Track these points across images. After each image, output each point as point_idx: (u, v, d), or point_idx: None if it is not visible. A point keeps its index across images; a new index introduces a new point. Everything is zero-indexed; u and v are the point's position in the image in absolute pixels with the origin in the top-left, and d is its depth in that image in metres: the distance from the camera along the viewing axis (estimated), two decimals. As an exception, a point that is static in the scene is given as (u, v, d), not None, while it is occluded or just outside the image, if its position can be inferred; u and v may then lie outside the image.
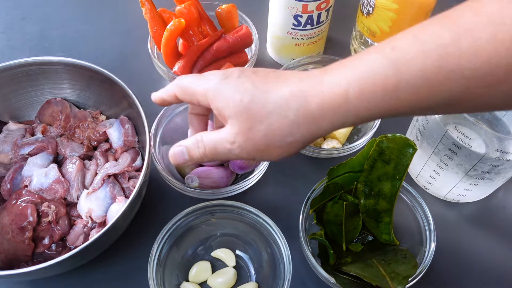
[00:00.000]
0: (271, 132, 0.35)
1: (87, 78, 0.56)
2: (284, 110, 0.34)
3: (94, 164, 0.54)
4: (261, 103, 0.35)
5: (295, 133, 0.35)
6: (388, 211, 0.50)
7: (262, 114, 0.35)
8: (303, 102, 0.34)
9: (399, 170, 0.47)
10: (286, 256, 0.49)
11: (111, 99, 0.57)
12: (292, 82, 0.35)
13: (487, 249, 0.57)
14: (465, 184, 0.55)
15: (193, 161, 0.40)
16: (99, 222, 0.51)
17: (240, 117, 0.36)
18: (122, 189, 0.53)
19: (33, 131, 0.57)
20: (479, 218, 0.59)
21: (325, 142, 0.62)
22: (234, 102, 0.36)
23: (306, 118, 0.34)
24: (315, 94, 0.34)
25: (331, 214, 0.51)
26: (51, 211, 0.50)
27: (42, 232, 0.50)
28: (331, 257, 0.49)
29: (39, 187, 0.51)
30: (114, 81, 0.53)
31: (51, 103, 0.58)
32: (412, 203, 0.54)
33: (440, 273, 0.55)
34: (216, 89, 0.37)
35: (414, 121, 0.59)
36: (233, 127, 0.36)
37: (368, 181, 0.49)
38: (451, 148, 0.51)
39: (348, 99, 0.32)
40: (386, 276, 0.46)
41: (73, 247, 0.49)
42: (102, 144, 0.58)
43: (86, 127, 0.57)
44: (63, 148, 0.56)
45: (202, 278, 0.52)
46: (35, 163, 0.53)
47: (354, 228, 0.52)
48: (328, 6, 0.64)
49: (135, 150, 0.56)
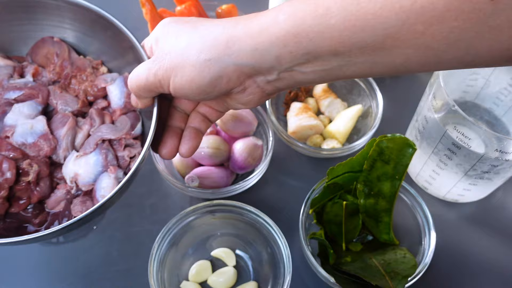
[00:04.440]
0: (191, 45, 0.35)
1: (91, 21, 0.48)
2: (213, 27, 0.35)
3: (88, 124, 0.47)
4: (194, 23, 0.36)
5: (213, 50, 0.34)
6: (387, 211, 0.50)
7: (190, 29, 0.36)
8: (231, 24, 0.34)
9: (398, 170, 0.48)
10: (286, 255, 0.49)
11: (115, 49, 0.49)
12: None
13: (486, 248, 0.57)
14: (464, 184, 0.55)
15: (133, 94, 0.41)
16: (85, 190, 0.45)
17: (169, 34, 0.37)
18: (115, 157, 0.46)
19: (22, 71, 0.49)
20: (478, 218, 0.59)
21: (325, 142, 0.62)
22: (170, 25, 0.37)
23: (229, 37, 0.33)
24: (247, 18, 0.34)
25: (331, 214, 0.52)
26: (32, 170, 0.44)
27: (19, 192, 0.44)
28: (331, 257, 0.49)
29: (22, 141, 0.44)
30: (120, 30, 0.46)
31: (47, 42, 0.49)
32: (411, 203, 0.54)
33: (440, 272, 0.55)
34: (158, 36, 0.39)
35: (414, 121, 0.59)
36: (159, 47, 0.38)
37: (368, 181, 0.49)
38: (450, 148, 0.51)
39: (277, 20, 0.32)
40: (386, 276, 0.46)
41: (51, 212, 0.45)
42: (99, 101, 0.49)
43: (84, 78, 0.49)
44: (55, 99, 0.48)
45: (202, 277, 0.52)
46: (21, 112, 0.46)
47: (354, 228, 0.52)
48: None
49: (135, 114, 0.49)
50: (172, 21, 0.38)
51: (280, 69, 0.34)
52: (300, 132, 0.61)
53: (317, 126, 0.61)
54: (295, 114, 0.62)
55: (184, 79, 0.35)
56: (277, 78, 0.35)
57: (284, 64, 0.33)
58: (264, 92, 0.37)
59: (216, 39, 0.34)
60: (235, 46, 0.33)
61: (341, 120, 0.63)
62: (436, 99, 0.52)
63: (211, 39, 0.34)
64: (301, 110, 0.62)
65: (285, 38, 0.32)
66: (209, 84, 0.35)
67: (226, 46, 0.34)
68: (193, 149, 0.42)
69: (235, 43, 0.33)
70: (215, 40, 0.34)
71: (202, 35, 0.35)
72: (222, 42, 0.34)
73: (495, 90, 0.58)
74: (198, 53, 0.34)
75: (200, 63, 0.34)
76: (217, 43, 0.34)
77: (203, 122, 0.43)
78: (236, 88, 0.36)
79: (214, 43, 0.34)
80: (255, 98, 0.38)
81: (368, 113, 0.63)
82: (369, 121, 0.62)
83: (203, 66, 0.34)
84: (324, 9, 0.30)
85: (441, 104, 0.51)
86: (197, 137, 0.43)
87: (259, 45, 0.33)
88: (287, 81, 0.35)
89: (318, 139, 0.62)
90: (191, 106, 0.43)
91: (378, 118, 0.60)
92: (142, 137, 0.47)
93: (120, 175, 0.44)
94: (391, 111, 0.65)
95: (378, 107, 0.61)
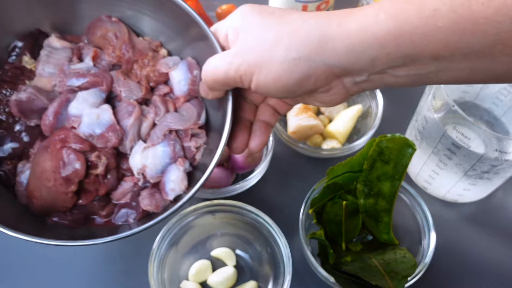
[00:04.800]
0: (278, 41, 0.32)
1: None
2: (302, 20, 0.32)
3: (153, 112, 0.45)
4: (280, 15, 0.33)
5: (303, 49, 0.31)
6: (387, 211, 0.50)
7: (276, 22, 0.33)
8: (324, 20, 0.31)
9: (398, 170, 0.48)
10: (286, 255, 0.49)
11: (173, 28, 0.45)
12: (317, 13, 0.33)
13: (486, 248, 0.57)
14: (464, 184, 0.55)
15: (206, 86, 0.38)
16: (153, 182, 0.43)
17: (252, 26, 0.34)
18: (182, 148, 0.44)
19: (80, 53, 0.46)
20: (478, 218, 0.59)
21: (325, 142, 0.62)
22: (252, 16, 0.34)
23: (322, 34, 0.31)
24: (340, 14, 0.31)
25: (330, 214, 0.52)
26: (101, 162, 0.42)
27: (87, 185, 0.43)
28: (331, 257, 0.50)
29: (90, 133, 0.42)
30: (179, 5, 0.42)
31: (105, 22, 0.46)
32: (411, 203, 0.54)
33: (439, 272, 0.55)
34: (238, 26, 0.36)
35: (414, 121, 0.59)
36: (241, 39, 0.34)
37: (368, 181, 0.49)
38: (450, 148, 0.51)
39: (377, 20, 0.29)
40: (386, 276, 0.46)
41: (118, 203, 0.44)
42: (160, 87, 0.46)
43: (146, 63, 0.46)
44: (118, 87, 0.45)
45: (202, 277, 0.52)
46: (85, 100, 0.43)
47: (354, 228, 0.52)
48: (328, 7, 0.64)
49: (199, 101, 0.45)
50: (254, 11, 0.35)
51: (372, 71, 0.32)
52: (300, 132, 0.61)
53: (317, 126, 0.62)
54: (295, 114, 0.62)
55: (270, 77, 0.33)
56: (365, 80, 0.33)
57: (378, 66, 0.31)
58: (348, 93, 0.35)
59: (308, 36, 0.31)
60: (328, 45, 0.31)
61: (341, 120, 0.63)
62: (435, 99, 0.52)
63: (302, 36, 0.31)
64: (301, 110, 0.62)
65: (384, 39, 0.29)
66: (295, 83, 0.33)
67: (318, 44, 0.31)
68: (263, 144, 0.41)
69: (328, 41, 0.31)
70: (306, 37, 0.31)
71: (292, 30, 0.32)
72: (314, 40, 0.31)
73: (494, 90, 0.58)
74: (286, 50, 0.32)
75: (288, 61, 0.32)
76: (309, 41, 0.31)
77: (272, 116, 0.41)
78: (322, 88, 0.34)
79: (305, 41, 0.31)
80: (337, 98, 0.35)
81: (368, 113, 0.63)
82: (369, 121, 0.63)
83: (292, 64, 0.32)
84: (431, 10, 0.28)
85: (440, 104, 0.51)
86: (267, 131, 0.41)
87: (355, 46, 0.30)
88: (375, 83, 0.33)
89: (318, 139, 0.62)
90: (260, 98, 0.41)
91: (378, 118, 0.60)
92: (206, 126, 0.45)
93: (187, 167, 0.43)
94: (391, 111, 0.65)
95: (378, 107, 0.61)
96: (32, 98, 0.42)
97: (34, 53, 0.45)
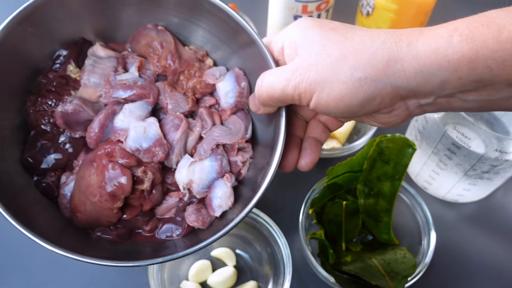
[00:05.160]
0: (343, 59, 0.30)
1: (188, 4, 0.42)
2: (368, 39, 0.30)
3: (199, 125, 0.43)
4: (344, 31, 0.32)
5: (369, 68, 0.30)
6: (387, 211, 0.50)
7: (340, 39, 0.31)
8: (392, 40, 0.30)
9: (398, 170, 0.48)
10: (286, 255, 0.49)
11: (219, 37, 0.44)
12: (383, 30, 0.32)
13: (486, 248, 0.57)
14: (464, 184, 0.55)
15: (259, 101, 0.37)
16: (199, 198, 0.42)
17: (313, 41, 0.32)
18: (228, 162, 0.43)
19: (125, 62, 0.45)
20: (478, 218, 0.59)
21: (325, 142, 0.62)
22: (313, 30, 0.33)
23: (390, 54, 0.29)
24: (409, 34, 0.30)
25: (330, 214, 0.52)
26: (147, 178, 0.41)
27: (132, 200, 0.41)
28: (331, 257, 0.50)
29: (136, 147, 0.40)
30: (227, 13, 0.39)
31: (150, 30, 0.45)
32: (411, 203, 0.54)
33: (439, 272, 0.55)
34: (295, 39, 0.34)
35: (414, 121, 0.59)
36: (300, 55, 0.32)
37: (368, 181, 0.49)
38: (450, 148, 0.51)
39: (451, 42, 0.28)
40: (386, 276, 0.46)
41: (161, 218, 0.43)
42: (206, 98, 0.45)
43: (192, 74, 0.45)
44: (165, 99, 0.43)
45: (203, 277, 0.52)
46: (131, 112, 0.42)
47: (354, 228, 0.52)
48: (328, 7, 0.64)
49: (245, 114, 0.44)
50: (314, 25, 0.33)
51: (440, 94, 0.30)
52: (300, 132, 0.61)
53: (317, 126, 0.62)
54: (295, 114, 0.62)
55: (332, 96, 0.31)
56: (431, 103, 0.31)
57: (447, 90, 0.29)
58: (410, 115, 0.33)
59: (375, 55, 0.30)
60: (397, 66, 0.29)
61: (341, 120, 0.63)
62: (436, 99, 0.52)
63: (369, 55, 0.30)
64: (301, 110, 0.62)
65: (458, 62, 0.28)
66: (359, 104, 0.31)
67: (386, 65, 0.30)
68: (313, 163, 0.39)
69: (397, 62, 0.29)
70: (373, 57, 0.30)
71: (357, 48, 0.30)
72: (381, 60, 0.30)
73: (495, 90, 0.58)
74: (351, 69, 0.30)
75: (353, 81, 0.30)
76: (376, 61, 0.30)
77: (323, 133, 0.40)
78: (384, 109, 0.32)
79: (372, 60, 0.30)
80: (398, 119, 0.34)
81: (368, 113, 0.63)
82: (369, 121, 0.62)
83: (357, 84, 0.30)
84: (510, 33, 0.26)
85: (441, 104, 0.51)
86: (317, 149, 0.39)
87: (425, 68, 0.29)
88: (441, 106, 0.31)
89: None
90: (312, 114, 0.40)
91: (378, 118, 0.60)
92: (251, 139, 0.44)
93: (233, 182, 0.42)
94: (391, 111, 0.65)
95: (378, 107, 0.61)
96: (78, 110, 0.41)
97: (79, 62, 0.44)
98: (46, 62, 0.43)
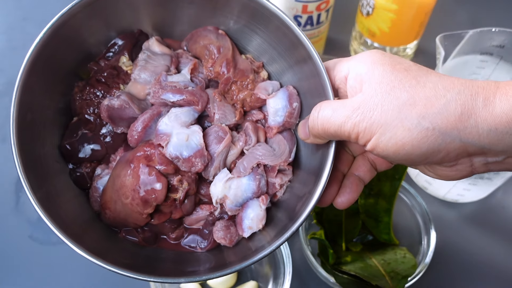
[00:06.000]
0: (412, 105, 0.28)
1: (251, 11, 0.40)
2: (442, 87, 0.28)
3: (243, 140, 0.41)
4: (416, 73, 0.30)
5: (439, 119, 0.28)
6: (387, 211, 0.50)
7: (411, 83, 0.29)
8: (468, 91, 0.28)
9: (398, 170, 0.48)
10: (286, 255, 0.49)
11: (278, 49, 0.42)
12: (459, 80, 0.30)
13: (486, 248, 0.57)
14: (464, 184, 0.55)
15: (311, 132, 0.35)
16: (230, 215, 0.41)
17: (381, 80, 0.30)
18: (266, 183, 0.41)
19: (178, 61, 0.44)
20: (478, 218, 0.59)
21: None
22: (383, 68, 0.30)
23: (464, 108, 0.27)
24: (485, 87, 0.28)
25: (330, 214, 0.52)
26: (182, 188, 0.39)
27: (163, 207, 0.40)
28: (331, 257, 0.50)
29: (177, 155, 0.39)
30: (285, 23, 0.38)
31: (210, 32, 0.43)
32: (411, 203, 0.54)
33: (440, 272, 0.55)
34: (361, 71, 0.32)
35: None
36: (365, 92, 0.30)
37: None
38: (450, 148, 0.51)
39: None
40: (386, 276, 0.46)
41: (189, 227, 0.42)
42: (254, 112, 0.43)
43: (244, 85, 0.43)
44: (213, 109, 0.41)
45: (203, 277, 0.52)
46: (177, 117, 0.40)
47: (354, 228, 0.52)
48: (328, 7, 0.64)
49: (291, 135, 0.42)
50: (385, 61, 0.31)
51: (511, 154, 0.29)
52: (300, 132, 0.61)
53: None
54: (295, 114, 0.62)
55: (393, 141, 0.29)
56: (499, 162, 0.30)
57: None
58: (472, 172, 0.31)
59: (447, 106, 0.28)
60: (470, 121, 0.27)
61: (341, 120, 0.63)
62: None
63: (441, 105, 0.28)
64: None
65: None
66: (421, 154, 0.29)
67: (458, 118, 0.28)
68: (351, 203, 0.37)
69: (470, 117, 0.27)
70: (445, 108, 0.28)
71: (429, 95, 0.28)
72: (454, 112, 0.28)
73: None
74: (419, 117, 0.28)
75: (419, 130, 0.28)
76: (448, 113, 0.28)
77: (368, 172, 0.37)
78: (447, 163, 0.30)
79: (444, 111, 0.28)
80: (458, 175, 0.31)
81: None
82: (369, 121, 0.63)
83: (422, 134, 0.28)
84: None
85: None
86: (357, 189, 0.37)
87: (500, 126, 0.27)
88: (508, 165, 0.30)
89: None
90: (361, 149, 0.37)
91: (378, 118, 0.60)
92: (293, 162, 0.42)
93: (268, 204, 0.40)
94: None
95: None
96: (124, 106, 0.40)
97: (132, 54, 0.43)
98: (100, 48, 0.42)
